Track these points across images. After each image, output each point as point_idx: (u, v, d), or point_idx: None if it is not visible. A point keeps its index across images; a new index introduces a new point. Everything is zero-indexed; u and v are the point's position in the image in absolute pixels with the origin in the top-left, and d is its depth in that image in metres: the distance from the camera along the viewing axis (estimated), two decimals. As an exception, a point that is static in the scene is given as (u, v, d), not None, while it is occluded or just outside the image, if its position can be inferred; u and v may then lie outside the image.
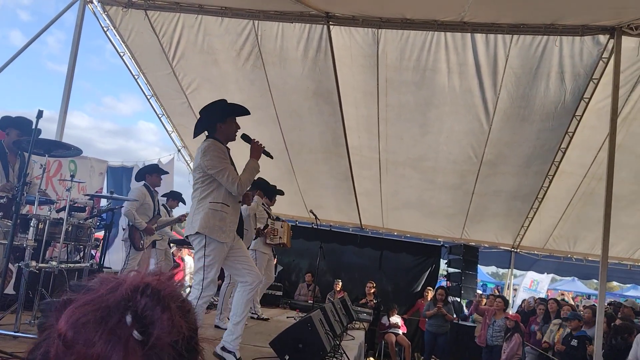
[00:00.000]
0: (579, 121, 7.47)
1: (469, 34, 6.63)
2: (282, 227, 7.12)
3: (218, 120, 4.00)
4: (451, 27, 6.60)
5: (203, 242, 3.76)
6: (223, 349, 3.88)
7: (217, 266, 3.80)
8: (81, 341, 0.64)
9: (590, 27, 6.22)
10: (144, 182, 6.50)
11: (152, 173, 6.55)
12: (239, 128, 4.14)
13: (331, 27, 7.00)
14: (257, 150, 4.17)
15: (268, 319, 7.09)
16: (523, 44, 6.62)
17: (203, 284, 3.70)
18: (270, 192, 7.21)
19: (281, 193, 7.52)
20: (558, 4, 5.95)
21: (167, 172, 6.85)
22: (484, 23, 6.47)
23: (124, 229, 6.56)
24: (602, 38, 6.34)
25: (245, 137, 4.25)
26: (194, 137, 4.23)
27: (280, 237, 7.09)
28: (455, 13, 6.27)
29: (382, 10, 6.58)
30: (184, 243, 7.70)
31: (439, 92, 7.55)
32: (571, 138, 7.83)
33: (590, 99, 7.09)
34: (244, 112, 4.16)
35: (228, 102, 4.16)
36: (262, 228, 6.73)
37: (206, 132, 4.08)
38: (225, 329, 4.16)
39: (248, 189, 4.32)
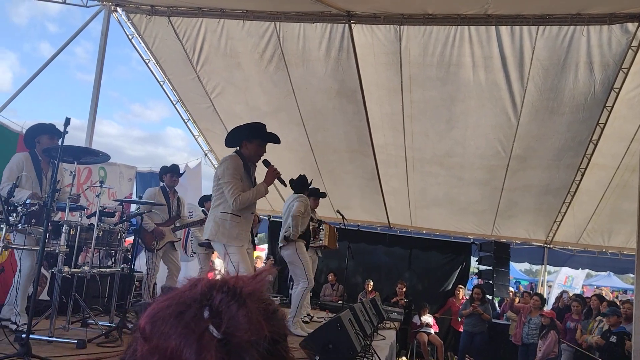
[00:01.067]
0: (610, 112, 7.28)
1: (494, 26, 6.52)
2: (323, 229, 7.15)
3: (245, 138, 4.27)
4: (475, 21, 6.50)
5: (223, 248, 4.06)
6: None
7: (245, 259, 4.09)
8: (157, 334, 0.66)
9: (618, 15, 6.05)
10: (162, 183, 6.58)
11: (166, 174, 6.61)
12: (265, 152, 4.38)
13: (353, 25, 6.97)
14: (271, 176, 4.38)
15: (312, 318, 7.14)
16: (549, 35, 6.48)
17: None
18: (315, 194, 7.25)
19: (323, 195, 7.52)
20: (584, -8, 5.81)
21: (180, 174, 6.82)
22: (509, 15, 6.35)
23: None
24: (631, 26, 6.15)
25: (265, 162, 4.50)
26: (227, 146, 4.52)
27: (321, 240, 7.12)
28: (478, 6, 6.17)
29: (403, 6, 6.52)
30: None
31: (464, 87, 7.44)
32: (602, 129, 7.63)
33: (620, 88, 6.89)
34: (275, 140, 4.42)
35: (267, 129, 4.45)
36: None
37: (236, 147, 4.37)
38: None
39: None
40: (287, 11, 7.04)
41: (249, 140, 4.28)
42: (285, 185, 5.05)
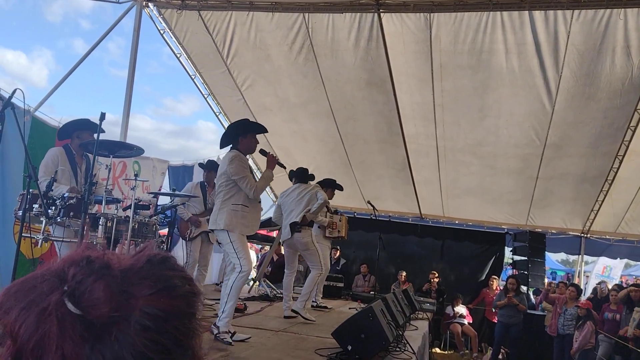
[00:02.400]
0: (650, 97, 7.05)
1: (527, 11, 6.38)
2: (340, 220, 7.17)
3: (241, 134, 4.65)
4: (507, 6, 6.37)
5: (227, 236, 4.40)
6: (214, 324, 4.31)
7: (246, 251, 4.48)
8: (8, 309, 0.62)
9: (658, -4, 5.84)
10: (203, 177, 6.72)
11: (207, 170, 6.74)
12: (258, 143, 4.79)
13: (382, 14, 6.91)
14: (272, 162, 4.79)
15: (330, 308, 7.18)
16: (585, 19, 6.30)
17: (241, 263, 4.34)
18: (329, 185, 7.23)
19: (340, 188, 7.49)
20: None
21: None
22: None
23: None
24: (672, 7, 5.94)
25: (262, 152, 4.98)
26: (220, 148, 4.87)
27: (338, 231, 7.15)
28: (510, -9, 6.04)
29: (433, -7, 6.43)
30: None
31: (496, 74, 7.31)
32: (641, 115, 7.40)
33: (661, 72, 6.66)
34: (263, 130, 4.86)
35: (250, 120, 5.00)
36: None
37: (231, 145, 4.72)
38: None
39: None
40: (315, 2, 7.03)
41: (244, 135, 4.64)
42: (285, 168, 5.51)
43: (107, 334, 0.62)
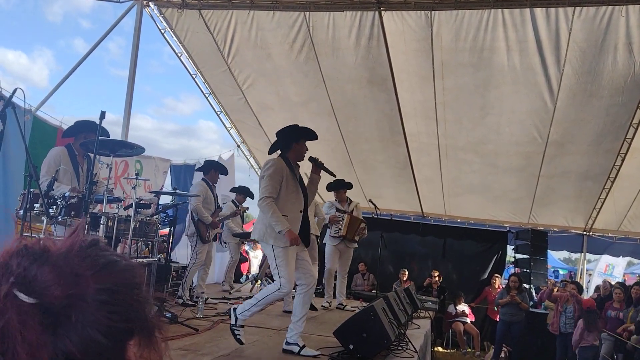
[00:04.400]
0: (652, 94, 7.02)
1: (528, 9, 6.36)
2: (343, 219, 7.17)
3: (295, 140, 4.42)
4: (508, 3, 6.35)
5: (271, 249, 4.11)
6: (287, 343, 4.10)
7: (288, 266, 4.08)
8: None
9: (660, -8, 5.82)
10: (203, 176, 6.64)
11: (217, 170, 6.70)
12: (307, 150, 4.54)
13: (383, 12, 6.89)
14: (292, 239, 4.21)
15: (353, 309, 7.23)
16: (587, 16, 6.27)
17: (280, 282, 4.04)
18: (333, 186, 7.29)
19: (349, 186, 7.56)
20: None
21: (227, 173, 7.02)
22: (544, -4, 6.18)
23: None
24: (674, 3, 5.91)
25: (311, 159, 4.65)
26: (269, 154, 4.65)
27: (339, 229, 7.15)
28: (511, -12, 6.02)
29: (434, -9, 6.41)
30: (246, 236, 7.88)
31: (498, 72, 7.29)
32: (644, 112, 7.37)
33: (663, 69, 6.64)
34: (314, 136, 4.60)
35: (300, 126, 4.62)
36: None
37: (279, 151, 4.51)
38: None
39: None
40: (316, 0, 7.02)
41: (297, 141, 4.44)
42: (335, 176, 5.29)
43: (66, 317, 0.62)
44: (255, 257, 11.99)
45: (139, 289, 0.72)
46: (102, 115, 3.64)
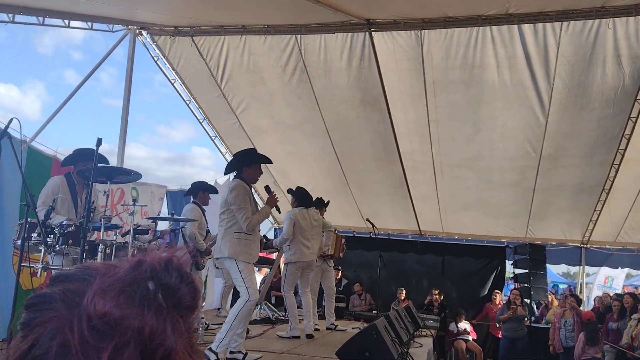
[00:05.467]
0: (642, 105, 7.10)
1: (516, 25, 6.46)
2: (329, 237, 7.12)
3: (246, 164, 4.76)
4: (496, 21, 6.45)
5: (235, 264, 4.44)
6: (210, 349, 4.25)
7: (251, 276, 4.52)
8: (126, 316, 0.61)
9: (645, 4, 5.92)
10: (193, 200, 6.54)
11: (205, 191, 6.59)
12: (262, 173, 4.91)
13: (373, 33, 6.99)
14: (272, 201, 4.90)
15: (344, 329, 7.13)
16: (574, 30, 6.38)
17: (249, 292, 4.36)
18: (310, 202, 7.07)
19: (324, 204, 7.43)
20: (608, -15, 5.71)
21: (217, 192, 6.90)
22: (531, 13, 6.28)
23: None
24: (660, 15, 6.02)
25: (267, 188, 5.11)
26: (225, 174, 5.11)
27: (327, 249, 7.09)
28: (499, 5, 6.13)
29: (423, 10, 6.51)
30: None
31: (489, 88, 7.37)
32: (635, 123, 7.44)
33: (652, 80, 6.73)
34: (267, 161, 5.01)
35: (256, 151, 5.15)
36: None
37: (234, 172, 4.91)
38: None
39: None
40: (307, 23, 7.10)
41: (249, 165, 4.74)
42: (280, 212, 5.58)
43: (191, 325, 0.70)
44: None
45: None
46: (99, 142, 3.65)
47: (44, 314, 0.63)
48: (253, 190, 5.12)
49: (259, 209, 4.84)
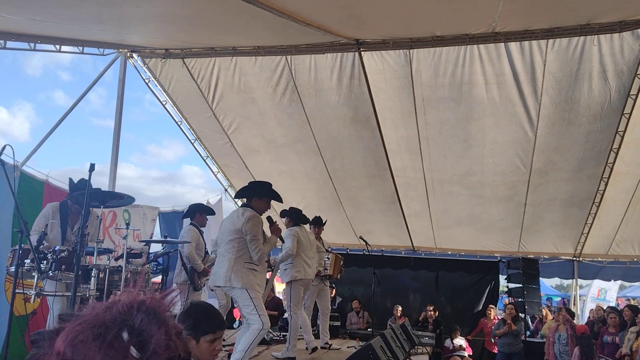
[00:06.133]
0: (629, 119, 7.21)
1: (503, 43, 6.56)
2: (328, 258, 7.10)
3: (257, 195, 4.91)
4: (483, 39, 6.55)
5: (247, 293, 4.51)
6: None
7: (264, 308, 4.60)
8: (80, 357, 0.65)
9: (628, 22, 6.04)
10: (191, 221, 6.57)
11: (203, 212, 6.65)
12: (269, 209, 5.05)
13: (362, 53, 7.07)
14: (277, 231, 5.02)
15: (338, 348, 7.07)
16: (560, 47, 6.49)
17: (262, 320, 4.44)
18: (305, 221, 7.12)
19: (318, 222, 7.44)
20: (591, 3, 5.83)
21: (214, 213, 6.97)
22: (517, 31, 6.39)
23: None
24: (642, 32, 6.14)
25: (270, 220, 5.14)
26: (234, 198, 5.06)
27: (326, 269, 7.07)
28: (485, 24, 6.23)
29: (411, 30, 6.60)
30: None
31: (478, 105, 7.46)
32: (622, 137, 7.54)
33: (637, 95, 6.83)
34: (279, 199, 5.13)
35: (271, 187, 5.15)
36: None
37: (244, 199, 5.11)
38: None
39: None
40: (297, 44, 7.18)
41: (260, 197, 4.89)
42: (282, 242, 5.70)
43: None
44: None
45: (190, 357, 0.81)
46: (92, 167, 3.66)
47: (40, 350, 0.69)
48: None
49: (267, 239, 4.89)
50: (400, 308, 10.53)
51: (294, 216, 6.37)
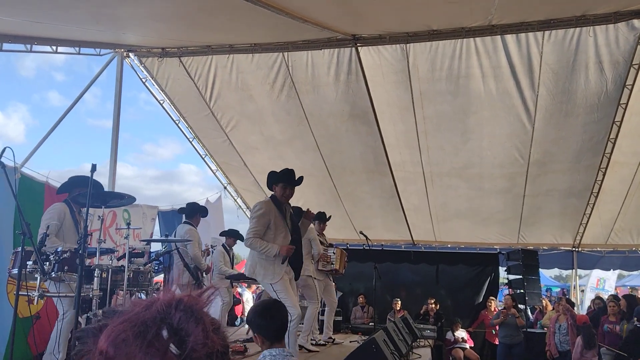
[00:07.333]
0: (625, 109, 7.23)
1: (499, 36, 6.58)
2: (334, 253, 7.12)
3: (274, 182, 4.96)
4: (480, 32, 6.56)
5: (269, 287, 4.64)
6: None
7: (289, 294, 4.59)
8: (121, 356, 0.67)
9: (623, 12, 6.05)
10: (189, 221, 6.59)
11: (201, 214, 6.71)
12: (291, 194, 4.99)
13: (359, 48, 7.07)
14: (286, 250, 4.74)
15: (341, 342, 7.13)
16: (556, 39, 6.50)
17: (290, 311, 4.32)
18: (319, 217, 7.21)
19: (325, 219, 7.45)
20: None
21: (207, 215, 7.06)
22: (513, 23, 6.40)
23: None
24: (637, 22, 6.15)
25: (299, 209, 5.40)
26: (269, 188, 5.08)
27: (332, 264, 7.09)
28: (482, 18, 6.24)
29: (407, 25, 6.61)
30: (239, 278, 7.76)
31: (475, 98, 7.47)
32: (619, 127, 7.57)
33: (633, 85, 6.86)
34: (292, 181, 5.00)
35: (289, 171, 5.06)
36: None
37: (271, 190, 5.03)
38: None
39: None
40: (293, 41, 7.18)
41: (275, 183, 4.95)
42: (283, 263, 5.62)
43: None
44: (247, 301, 11.84)
45: (228, 352, 0.82)
46: (94, 167, 3.67)
47: (85, 347, 0.72)
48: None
49: (287, 231, 4.84)
50: (399, 301, 10.56)
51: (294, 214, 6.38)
